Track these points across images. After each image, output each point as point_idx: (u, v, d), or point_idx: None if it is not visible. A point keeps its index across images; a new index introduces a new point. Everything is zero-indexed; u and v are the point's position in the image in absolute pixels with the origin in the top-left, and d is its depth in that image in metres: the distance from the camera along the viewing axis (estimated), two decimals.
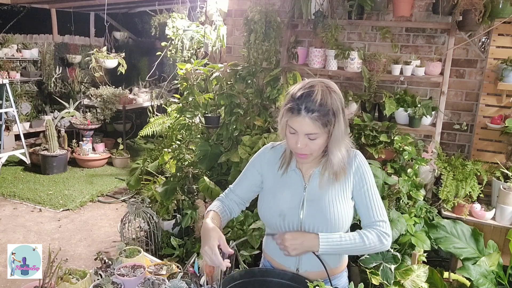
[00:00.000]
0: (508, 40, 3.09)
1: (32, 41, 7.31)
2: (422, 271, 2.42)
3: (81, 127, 6.16)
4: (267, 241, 1.66)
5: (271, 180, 1.57)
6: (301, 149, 1.39)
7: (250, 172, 1.63)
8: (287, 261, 1.55)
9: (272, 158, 1.58)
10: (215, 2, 4.57)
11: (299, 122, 1.35)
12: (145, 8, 7.27)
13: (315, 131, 1.36)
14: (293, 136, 1.40)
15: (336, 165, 1.45)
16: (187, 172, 3.71)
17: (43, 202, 4.74)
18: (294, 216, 1.49)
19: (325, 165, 1.47)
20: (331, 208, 1.47)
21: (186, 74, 3.73)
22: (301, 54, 3.62)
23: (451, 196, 2.87)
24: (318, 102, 1.33)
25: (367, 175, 1.51)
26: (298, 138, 1.38)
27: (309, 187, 1.50)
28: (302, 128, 1.36)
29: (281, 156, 1.55)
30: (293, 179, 1.52)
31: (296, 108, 1.35)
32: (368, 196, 1.50)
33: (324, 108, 1.34)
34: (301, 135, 1.37)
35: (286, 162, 1.53)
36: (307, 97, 1.34)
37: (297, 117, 1.35)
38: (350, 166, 1.49)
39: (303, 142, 1.38)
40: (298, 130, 1.37)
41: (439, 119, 3.16)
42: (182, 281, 1.63)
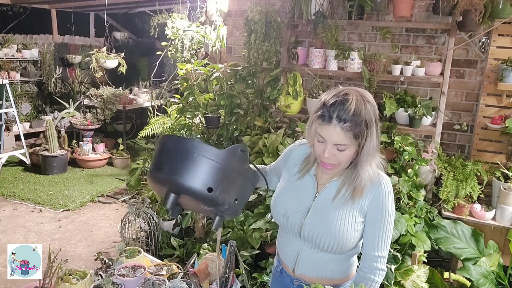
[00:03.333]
0: (508, 40, 3.09)
1: (32, 41, 7.31)
2: (422, 271, 2.42)
3: (81, 127, 6.16)
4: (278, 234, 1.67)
5: (287, 178, 1.56)
6: (327, 158, 1.33)
7: (280, 161, 1.63)
8: (287, 260, 1.58)
9: (296, 157, 1.55)
10: (215, 2, 4.57)
11: (329, 130, 1.29)
12: (145, 8, 7.27)
13: (344, 142, 1.29)
14: (321, 145, 1.34)
15: (363, 180, 1.37)
16: None
17: (43, 202, 4.73)
18: (297, 220, 1.47)
19: (347, 179, 1.41)
20: (336, 224, 1.41)
21: (186, 74, 3.73)
22: (301, 55, 3.62)
23: (451, 197, 2.87)
24: (351, 111, 1.26)
25: (388, 208, 1.41)
26: (326, 147, 1.32)
27: (320, 197, 1.46)
28: (332, 137, 1.30)
29: (305, 159, 1.52)
30: (307, 185, 1.49)
31: (327, 116, 1.28)
32: (381, 229, 1.41)
33: (357, 119, 1.27)
34: (329, 144, 1.31)
35: (307, 167, 1.49)
36: (340, 105, 1.27)
37: (328, 126, 1.28)
38: (371, 191, 1.40)
39: (331, 152, 1.32)
40: (327, 139, 1.31)
41: (439, 120, 3.16)
42: (182, 282, 1.63)
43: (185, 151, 1.25)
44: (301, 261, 1.51)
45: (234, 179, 1.31)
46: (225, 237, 2.91)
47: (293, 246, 1.53)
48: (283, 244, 1.59)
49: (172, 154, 1.27)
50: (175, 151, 1.27)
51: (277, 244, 1.68)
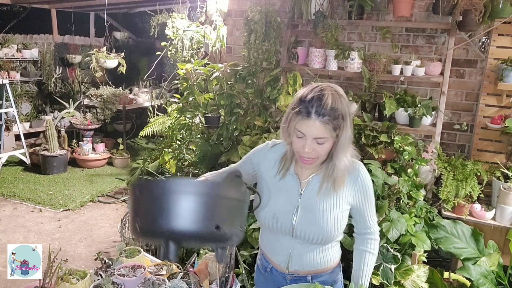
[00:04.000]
0: (508, 40, 3.09)
1: (32, 41, 7.31)
2: (422, 271, 2.42)
3: (81, 127, 6.16)
4: (262, 236, 1.68)
5: (268, 181, 1.56)
6: (308, 153, 1.37)
7: (246, 164, 1.62)
8: (278, 259, 1.58)
9: (272, 158, 1.56)
10: (215, 2, 4.57)
11: (309, 125, 1.33)
12: (145, 8, 7.27)
13: (324, 135, 1.34)
14: (300, 140, 1.37)
15: (340, 171, 1.43)
16: (187, 172, 3.71)
17: (43, 202, 4.74)
18: (287, 220, 1.50)
19: (326, 172, 1.45)
20: (324, 217, 1.46)
21: (186, 74, 3.73)
22: (301, 54, 3.62)
23: (451, 196, 2.87)
24: (329, 105, 1.31)
25: (369, 190, 1.52)
26: (306, 142, 1.35)
27: (305, 194, 1.50)
28: (312, 132, 1.33)
29: (281, 159, 1.53)
30: (290, 184, 1.52)
31: (305, 112, 1.32)
32: (366, 208, 1.54)
33: (334, 112, 1.32)
34: (309, 139, 1.35)
35: (286, 166, 1.51)
36: (317, 101, 1.32)
37: (307, 121, 1.32)
38: (352, 179, 1.48)
39: (311, 146, 1.36)
40: (307, 134, 1.35)
41: (439, 119, 3.16)
42: (182, 281, 1.63)
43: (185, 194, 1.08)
44: (294, 258, 1.54)
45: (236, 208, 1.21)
46: None
47: (284, 245, 1.54)
48: (272, 244, 1.59)
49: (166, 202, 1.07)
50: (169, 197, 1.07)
51: (262, 245, 1.67)
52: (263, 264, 1.67)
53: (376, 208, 2.79)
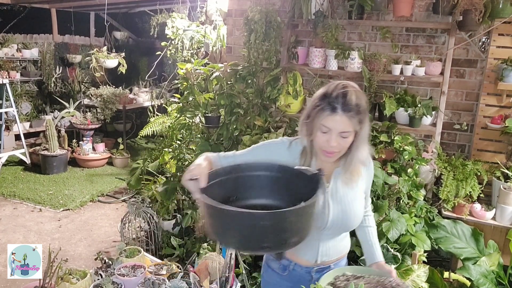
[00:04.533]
0: (508, 40, 3.09)
1: (32, 41, 7.31)
2: (422, 271, 2.42)
3: (81, 127, 6.16)
4: None
5: None
6: (333, 147, 1.43)
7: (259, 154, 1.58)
8: (306, 255, 1.61)
9: (289, 156, 1.55)
10: (215, 2, 4.56)
11: (335, 120, 1.39)
12: (145, 8, 7.27)
13: (349, 129, 1.41)
14: (325, 135, 1.42)
15: (358, 162, 1.52)
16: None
17: (43, 202, 4.74)
18: (322, 215, 1.51)
19: (345, 164, 1.53)
20: (352, 206, 1.56)
21: (186, 74, 3.72)
22: (301, 54, 3.62)
23: (451, 196, 2.87)
24: (354, 101, 1.38)
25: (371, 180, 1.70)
26: (331, 137, 1.41)
27: (331, 187, 1.55)
28: (338, 126, 1.39)
29: (301, 155, 1.55)
30: None
31: (331, 108, 1.39)
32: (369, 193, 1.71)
33: (358, 108, 1.40)
34: (334, 133, 1.41)
35: (307, 162, 1.54)
36: (343, 97, 1.38)
37: (334, 116, 1.38)
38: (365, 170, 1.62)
39: (336, 141, 1.42)
40: (333, 129, 1.40)
41: (439, 119, 3.16)
42: (182, 281, 1.63)
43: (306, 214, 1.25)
44: (322, 250, 1.61)
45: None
46: None
47: (312, 239, 1.54)
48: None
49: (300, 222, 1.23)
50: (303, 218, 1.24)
51: None
52: (282, 263, 1.66)
53: (376, 208, 2.80)
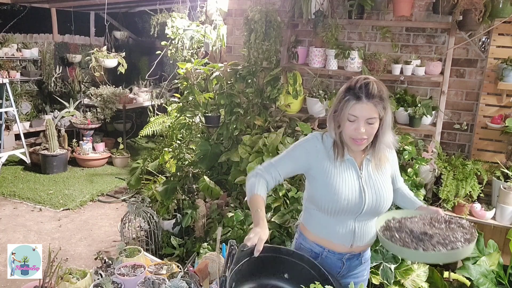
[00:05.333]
0: (508, 39, 3.09)
1: (32, 40, 7.31)
2: (422, 270, 2.43)
3: (81, 126, 6.16)
4: (315, 224, 1.73)
5: (327, 169, 1.66)
6: (362, 134, 1.54)
7: (299, 157, 1.70)
8: (342, 240, 1.69)
9: (324, 149, 1.68)
10: (215, 1, 4.56)
11: (362, 108, 1.52)
12: (145, 8, 7.27)
13: (375, 115, 1.53)
14: (353, 124, 1.55)
15: (385, 148, 1.66)
16: (187, 171, 3.71)
17: (43, 201, 4.74)
18: (359, 200, 1.63)
19: (373, 151, 1.65)
20: (385, 191, 1.67)
21: (186, 74, 3.73)
22: (301, 54, 3.62)
23: (451, 196, 2.87)
24: (376, 89, 1.53)
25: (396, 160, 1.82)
26: (359, 124, 1.53)
27: (364, 174, 1.67)
28: (364, 113, 1.52)
29: (333, 146, 1.67)
30: (349, 168, 1.66)
31: (356, 97, 1.52)
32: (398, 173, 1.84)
33: (381, 95, 1.54)
34: (362, 120, 1.53)
35: (340, 152, 1.65)
36: (366, 87, 1.52)
37: (360, 104, 1.52)
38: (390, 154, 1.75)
39: (363, 129, 1.54)
40: (360, 116, 1.53)
41: (439, 119, 3.16)
42: (182, 281, 1.63)
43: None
44: (358, 235, 1.68)
45: None
46: (225, 236, 2.91)
47: (347, 224, 1.67)
48: (333, 228, 1.68)
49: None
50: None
51: (317, 232, 1.73)
52: (314, 251, 1.73)
53: None
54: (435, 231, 1.48)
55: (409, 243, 1.45)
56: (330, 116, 1.63)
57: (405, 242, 1.46)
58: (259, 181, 1.66)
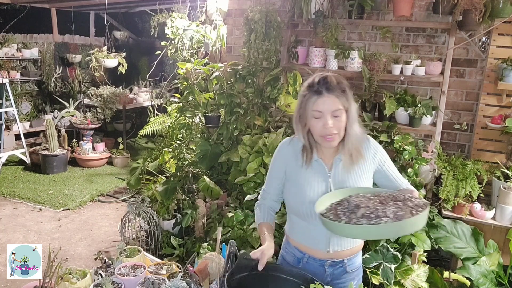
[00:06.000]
0: (508, 39, 3.09)
1: (32, 40, 7.30)
2: (422, 270, 2.42)
3: (81, 126, 6.16)
4: (294, 229, 1.74)
5: (296, 172, 1.66)
6: (330, 129, 1.50)
7: (276, 171, 1.73)
8: (317, 245, 1.66)
9: (293, 152, 1.67)
10: (215, 1, 4.56)
11: (324, 102, 1.50)
12: (145, 8, 7.27)
13: (339, 107, 1.51)
14: (319, 121, 1.52)
15: (355, 141, 1.59)
16: (187, 171, 3.71)
17: (43, 201, 4.74)
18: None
19: (343, 148, 1.60)
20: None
21: (186, 74, 3.73)
22: (301, 54, 3.62)
23: (451, 196, 2.87)
24: (335, 82, 1.52)
25: (383, 153, 1.70)
26: (326, 119, 1.51)
27: (333, 175, 1.62)
28: (328, 107, 1.50)
29: (302, 150, 1.65)
30: (317, 169, 1.63)
31: (317, 92, 1.51)
32: (391, 170, 1.70)
33: (341, 86, 1.52)
34: (327, 115, 1.51)
35: (309, 155, 1.63)
36: (324, 80, 1.51)
37: (322, 98, 1.50)
38: (365, 148, 1.65)
39: (331, 122, 1.51)
40: (324, 110, 1.50)
41: (439, 119, 3.16)
42: (182, 281, 1.63)
43: None
44: (334, 239, 1.64)
45: None
46: (225, 236, 2.91)
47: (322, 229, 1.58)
48: (309, 232, 1.67)
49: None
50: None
51: (295, 237, 1.73)
52: (296, 256, 1.72)
53: None
54: (374, 205, 1.38)
55: (338, 216, 1.37)
56: (295, 120, 1.60)
57: (336, 216, 1.38)
58: (261, 210, 1.77)
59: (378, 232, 1.32)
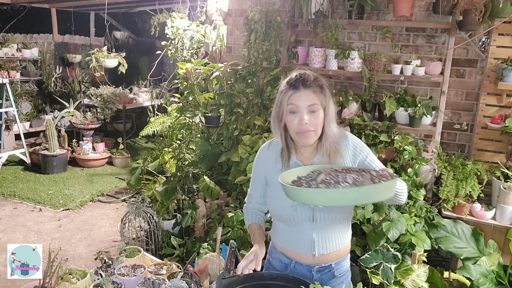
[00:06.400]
0: (508, 39, 3.09)
1: (32, 40, 7.31)
2: (422, 270, 2.42)
3: (81, 126, 6.16)
4: (278, 234, 1.71)
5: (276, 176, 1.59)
6: (306, 125, 1.48)
7: (257, 176, 1.72)
8: (302, 249, 1.63)
9: (272, 156, 1.65)
10: (215, 1, 4.56)
11: (300, 96, 1.48)
12: (145, 8, 7.27)
13: (315, 102, 1.48)
14: (295, 116, 1.49)
15: (333, 141, 1.55)
16: (187, 171, 3.71)
17: (43, 201, 4.74)
18: (305, 206, 1.56)
19: (321, 148, 1.57)
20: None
21: (187, 74, 3.73)
22: (301, 54, 3.62)
23: (451, 196, 2.87)
24: (311, 78, 1.51)
25: (364, 147, 1.64)
26: (302, 114, 1.48)
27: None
28: (304, 101, 1.48)
29: (281, 153, 1.62)
30: None
31: (293, 87, 1.49)
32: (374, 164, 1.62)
33: (318, 82, 1.51)
34: (303, 110, 1.48)
35: (287, 157, 1.60)
36: (301, 77, 1.51)
37: (298, 92, 1.48)
38: (344, 145, 1.61)
39: (306, 117, 1.48)
40: (300, 105, 1.48)
41: (439, 119, 3.16)
42: (182, 281, 1.63)
43: None
44: (318, 242, 1.61)
45: None
46: (225, 236, 2.91)
47: (305, 233, 1.60)
48: (293, 237, 1.64)
49: None
50: None
51: (280, 243, 1.70)
52: (283, 262, 1.69)
53: (376, 208, 2.79)
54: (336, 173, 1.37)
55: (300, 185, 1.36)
56: (272, 117, 1.58)
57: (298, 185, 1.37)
58: (249, 212, 1.77)
59: (336, 197, 1.29)
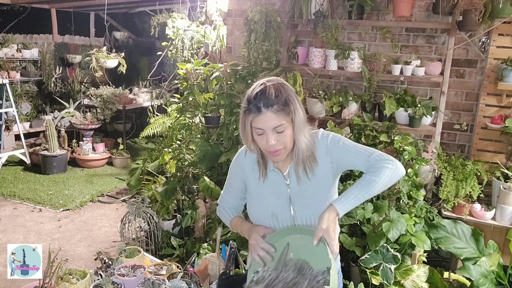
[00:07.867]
0: (508, 40, 3.09)
1: (32, 41, 7.31)
2: (422, 271, 2.42)
3: (81, 127, 6.16)
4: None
5: (254, 184, 1.60)
6: (274, 145, 1.41)
7: (235, 182, 1.67)
8: None
9: (249, 163, 1.60)
10: (215, 2, 4.56)
11: (263, 119, 1.39)
12: (145, 8, 7.27)
13: (280, 123, 1.39)
14: (262, 137, 1.42)
15: (304, 151, 1.47)
16: (187, 172, 3.71)
17: (43, 202, 4.73)
18: (286, 213, 1.54)
19: (295, 157, 1.49)
20: (317, 197, 1.51)
21: (186, 74, 3.73)
22: (301, 54, 3.62)
23: (451, 196, 2.87)
24: (273, 95, 1.38)
25: (338, 140, 1.52)
26: (268, 136, 1.40)
27: (291, 184, 1.54)
28: (268, 124, 1.39)
29: (257, 162, 1.58)
30: (275, 180, 1.56)
31: (255, 108, 1.39)
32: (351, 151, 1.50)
33: (280, 99, 1.39)
34: (269, 131, 1.40)
35: (263, 166, 1.55)
36: (262, 95, 1.39)
37: (260, 115, 1.38)
38: (320, 148, 1.51)
39: (274, 138, 1.40)
40: (265, 128, 1.40)
41: (439, 119, 3.16)
42: (182, 281, 1.63)
43: None
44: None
45: None
46: (225, 237, 2.91)
47: None
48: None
49: None
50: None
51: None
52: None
53: (376, 208, 2.79)
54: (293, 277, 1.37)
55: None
56: (241, 132, 1.49)
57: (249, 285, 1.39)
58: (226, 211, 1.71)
59: None
